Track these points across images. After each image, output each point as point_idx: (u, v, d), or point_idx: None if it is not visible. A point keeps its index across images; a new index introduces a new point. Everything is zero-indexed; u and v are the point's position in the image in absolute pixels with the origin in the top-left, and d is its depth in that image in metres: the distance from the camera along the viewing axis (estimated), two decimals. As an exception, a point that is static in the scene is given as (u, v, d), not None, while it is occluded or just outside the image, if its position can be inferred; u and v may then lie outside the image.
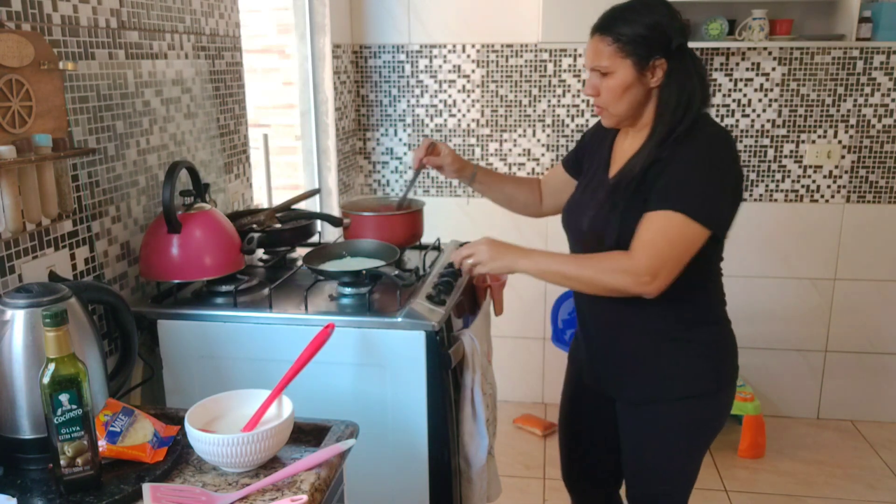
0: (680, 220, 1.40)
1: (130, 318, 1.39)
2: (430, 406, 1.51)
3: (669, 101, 1.47)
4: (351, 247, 1.78)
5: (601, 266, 1.44)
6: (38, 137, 1.24)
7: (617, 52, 1.46)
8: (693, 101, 1.47)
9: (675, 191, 1.42)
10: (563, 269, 1.47)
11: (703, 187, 1.42)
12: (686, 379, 1.55)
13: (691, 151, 1.44)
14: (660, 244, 1.40)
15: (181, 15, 1.82)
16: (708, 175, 1.43)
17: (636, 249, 1.42)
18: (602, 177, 1.60)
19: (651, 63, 1.46)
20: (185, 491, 1.06)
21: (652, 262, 1.40)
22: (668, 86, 1.47)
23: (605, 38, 1.47)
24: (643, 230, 1.42)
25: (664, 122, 1.47)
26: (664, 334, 1.54)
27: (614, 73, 1.47)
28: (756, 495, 2.81)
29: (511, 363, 3.35)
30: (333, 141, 2.91)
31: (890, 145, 3.09)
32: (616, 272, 1.42)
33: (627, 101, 1.49)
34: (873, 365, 3.30)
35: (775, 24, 2.92)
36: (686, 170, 1.43)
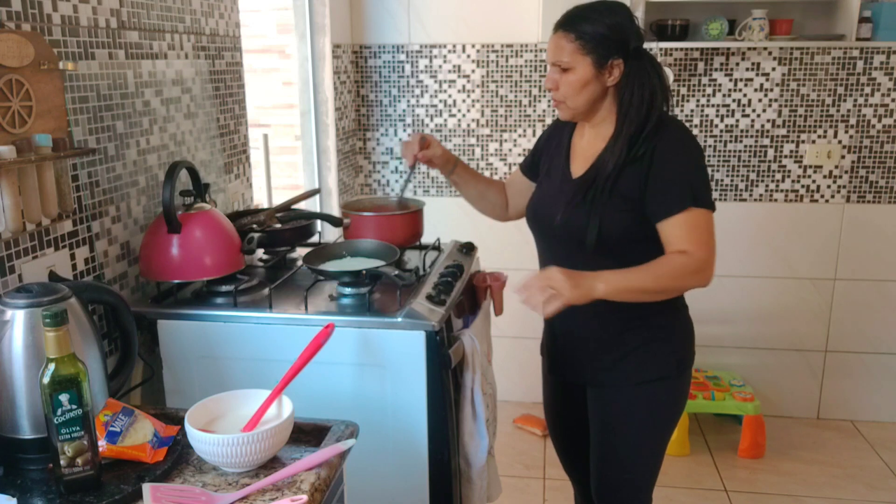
0: (704, 212, 1.50)
1: (130, 318, 1.39)
2: (430, 406, 1.51)
3: (632, 100, 1.53)
4: (351, 247, 1.78)
5: (675, 273, 1.49)
6: (38, 137, 1.24)
7: (578, 49, 1.52)
8: (656, 100, 1.54)
9: (686, 188, 1.50)
10: (641, 285, 1.49)
11: (700, 177, 1.53)
12: (648, 363, 1.62)
13: (676, 148, 1.53)
14: (706, 238, 1.50)
15: (181, 15, 1.82)
16: (697, 165, 1.54)
17: (691, 248, 1.49)
18: (564, 173, 1.66)
19: (609, 62, 1.52)
20: (185, 491, 1.06)
21: (710, 255, 1.50)
22: (627, 85, 1.53)
23: (568, 34, 1.53)
24: (684, 230, 1.50)
25: (630, 121, 1.53)
26: (626, 320, 1.61)
27: (574, 69, 1.53)
28: (756, 495, 2.81)
29: (511, 363, 3.35)
30: (333, 141, 2.91)
31: (890, 145, 3.09)
32: (691, 275, 1.49)
33: (585, 97, 1.55)
34: (873, 365, 3.30)
35: (775, 24, 2.92)
36: (681, 167, 1.52)
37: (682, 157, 1.53)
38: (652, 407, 1.66)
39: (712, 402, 3.06)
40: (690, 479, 2.90)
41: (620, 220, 1.54)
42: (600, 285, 1.46)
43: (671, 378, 1.65)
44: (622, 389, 1.65)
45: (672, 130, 1.55)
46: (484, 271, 1.96)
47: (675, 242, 1.50)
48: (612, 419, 1.68)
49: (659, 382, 1.64)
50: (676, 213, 1.49)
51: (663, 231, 1.52)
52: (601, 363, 1.66)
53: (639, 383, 1.63)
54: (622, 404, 1.66)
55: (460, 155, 3.28)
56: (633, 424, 1.66)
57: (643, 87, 1.53)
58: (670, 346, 1.65)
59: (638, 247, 1.55)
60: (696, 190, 1.50)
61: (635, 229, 1.55)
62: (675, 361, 1.65)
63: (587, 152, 1.63)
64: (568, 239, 1.61)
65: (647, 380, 1.63)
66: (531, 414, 3.29)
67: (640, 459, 1.70)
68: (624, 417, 1.67)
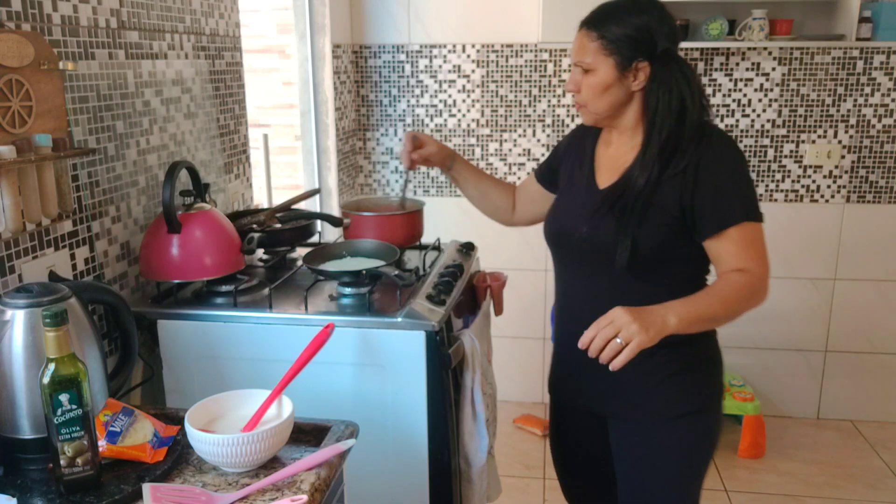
0: (756, 226, 1.41)
1: (130, 318, 1.39)
2: (430, 406, 1.51)
3: (658, 106, 1.42)
4: (351, 247, 1.78)
5: (741, 296, 1.39)
6: (38, 137, 1.24)
7: (600, 49, 1.43)
8: (687, 109, 1.42)
9: (737, 202, 1.40)
10: (712, 312, 1.37)
11: (750, 188, 1.43)
12: (679, 396, 1.50)
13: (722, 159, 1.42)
14: (762, 252, 1.42)
15: (181, 15, 1.82)
16: (745, 176, 1.44)
17: (750, 265, 1.40)
18: (589, 183, 1.54)
19: (633, 65, 1.43)
20: (185, 491, 1.06)
21: (766, 270, 1.42)
22: (652, 91, 1.43)
23: (591, 33, 1.45)
24: (739, 246, 1.40)
25: (659, 130, 1.42)
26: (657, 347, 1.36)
27: (596, 70, 1.44)
28: (756, 495, 2.81)
29: (511, 363, 3.35)
30: (333, 141, 2.91)
31: (890, 145, 3.09)
32: (754, 294, 1.40)
33: (607, 101, 1.46)
34: (873, 365, 3.30)
35: (775, 24, 2.92)
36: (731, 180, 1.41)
37: (730, 169, 1.42)
38: (686, 444, 1.52)
39: (712, 402, 3.06)
40: (690, 479, 2.90)
41: (656, 236, 1.42)
42: (672, 319, 1.30)
43: (704, 412, 1.53)
44: (652, 425, 1.52)
45: (716, 140, 1.43)
46: (484, 271, 1.96)
47: (731, 260, 1.40)
48: (642, 457, 1.55)
49: (691, 417, 1.51)
50: (730, 227, 1.39)
51: (714, 248, 1.42)
52: (627, 396, 1.52)
53: (670, 419, 1.50)
54: (653, 441, 1.52)
55: (460, 155, 3.28)
56: (667, 463, 1.53)
57: (670, 93, 1.41)
58: (701, 376, 1.53)
59: (672, 265, 1.46)
60: (748, 202, 1.41)
61: (672, 246, 1.44)
62: (707, 393, 1.53)
63: (615, 162, 1.51)
64: (592, 256, 1.49)
65: (679, 414, 1.50)
66: (531, 414, 3.29)
67: (675, 500, 1.58)
68: (656, 455, 1.53)
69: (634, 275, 1.44)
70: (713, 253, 1.43)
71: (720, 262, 1.43)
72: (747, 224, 1.40)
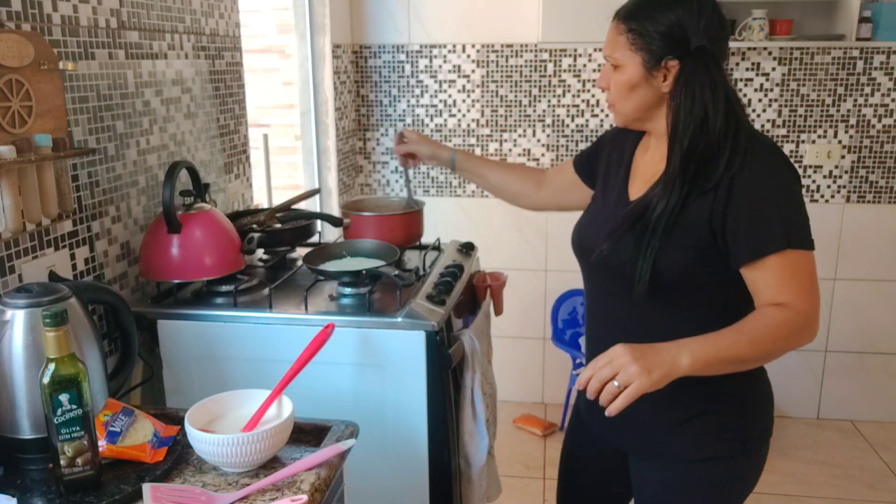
0: (804, 254, 1.23)
1: (130, 318, 1.39)
2: (430, 406, 1.50)
3: (680, 112, 1.26)
4: (351, 247, 1.78)
5: (777, 335, 1.20)
6: (38, 137, 1.24)
7: (628, 44, 1.29)
8: (709, 118, 1.24)
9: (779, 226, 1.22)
10: (737, 353, 1.19)
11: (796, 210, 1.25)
12: (707, 438, 1.34)
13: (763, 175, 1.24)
14: (808, 285, 1.23)
15: (181, 15, 1.82)
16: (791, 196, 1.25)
17: (793, 300, 1.21)
18: (621, 193, 1.41)
19: (663, 63, 1.27)
20: (185, 491, 1.06)
21: (813, 305, 1.23)
22: (676, 94, 1.27)
23: (620, 26, 1.31)
24: (780, 277, 1.22)
25: (680, 141, 1.26)
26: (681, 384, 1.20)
27: (623, 67, 1.30)
28: (756, 495, 2.79)
29: (511, 363, 3.35)
30: (333, 141, 2.91)
31: (890, 145, 3.09)
32: (794, 335, 1.21)
33: (634, 102, 1.32)
34: (873, 365, 3.30)
35: (775, 24, 2.92)
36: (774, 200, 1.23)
37: (772, 187, 1.23)
38: (708, 490, 1.37)
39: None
40: (690, 479, 2.90)
41: (681, 260, 1.26)
42: (684, 360, 1.15)
43: (736, 458, 1.34)
44: (674, 465, 1.37)
45: (758, 153, 1.24)
46: (484, 271, 1.96)
47: (769, 293, 1.23)
48: (660, 499, 1.41)
49: (720, 462, 1.34)
50: (768, 255, 1.21)
51: (751, 277, 1.24)
52: (651, 432, 1.38)
53: (694, 461, 1.35)
54: (674, 483, 1.38)
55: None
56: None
57: (693, 98, 1.25)
58: (737, 419, 1.34)
59: (703, 293, 1.30)
60: (792, 226, 1.22)
61: (699, 272, 1.27)
62: (741, 437, 1.34)
63: (648, 171, 1.37)
64: (613, 277, 1.35)
65: (704, 458, 1.34)
66: (531, 414, 3.29)
67: None
68: (675, 498, 1.39)
69: (658, 302, 1.29)
70: (749, 283, 1.26)
71: (757, 295, 1.25)
72: (790, 252, 1.21)
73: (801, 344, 1.23)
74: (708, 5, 1.27)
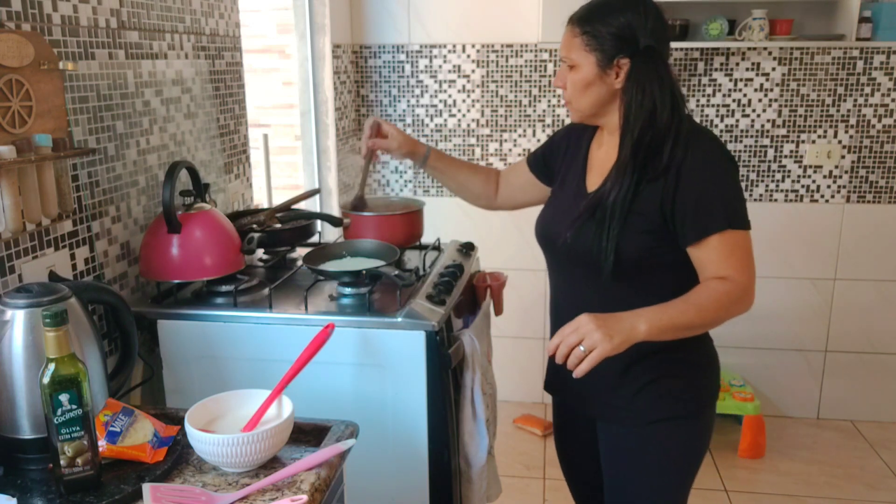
0: (742, 233, 1.37)
1: (130, 318, 1.39)
2: (430, 406, 1.51)
3: (632, 105, 1.40)
4: (351, 247, 1.78)
5: (719, 304, 1.35)
6: (38, 137, 1.24)
7: (583, 45, 1.42)
8: (657, 111, 1.38)
9: (721, 207, 1.36)
10: (686, 320, 1.34)
11: (735, 193, 1.39)
12: (662, 400, 1.48)
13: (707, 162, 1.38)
14: (746, 261, 1.37)
15: (181, 15, 1.82)
16: (731, 180, 1.40)
17: (732, 274, 1.36)
18: (579, 186, 1.53)
19: (615, 62, 1.40)
20: (185, 491, 1.06)
21: (750, 279, 1.37)
22: (629, 89, 1.40)
23: (576, 29, 1.44)
24: (722, 254, 1.36)
25: (631, 132, 1.39)
26: (637, 353, 1.38)
27: (579, 67, 1.44)
28: (756, 495, 2.81)
29: (511, 363, 3.35)
30: (333, 141, 2.91)
31: (890, 145, 3.09)
32: (734, 304, 1.36)
33: (589, 99, 1.45)
34: (873, 365, 3.30)
35: (775, 24, 2.92)
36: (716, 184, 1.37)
37: (714, 174, 1.37)
38: (667, 449, 1.50)
39: (712, 402, 3.06)
40: (690, 479, 2.90)
41: (640, 243, 1.40)
42: (641, 327, 1.29)
43: (689, 417, 1.49)
44: (634, 428, 1.50)
45: (701, 142, 1.40)
46: (484, 271, 1.96)
47: (712, 268, 1.37)
48: (624, 460, 1.53)
49: (675, 422, 1.48)
50: (711, 235, 1.36)
51: (696, 255, 1.39)
52: (612, 399, 1.51)
53: (652, 422, 1.48)
54: (635, 444, 1.51)
55: (460, 155, 3.28)
56: (648, 467, 1.51)
57: (643, 92, 1.38)
58: (687, 381, 1.49)
59: (660, 271, 1.43)
60: (732, 209, 1.37)
61: (657, 252, 1.41)
62: (692, 398, 1.49)
63: (604, 164, 1.49)
64: (577, 263, 1.48)
65: (661, 418, 1.48)
66: (531, 414, 3.29)
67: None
68: (637, 459, 1.51)
69: (621, 282, 1.43)
70: (695, 260, 1.40)
71: (702, 270, 1.39)
72: (730, 232, 1.36)
73: (741, 311, 1.37)
74: (652, 10, 1.41)
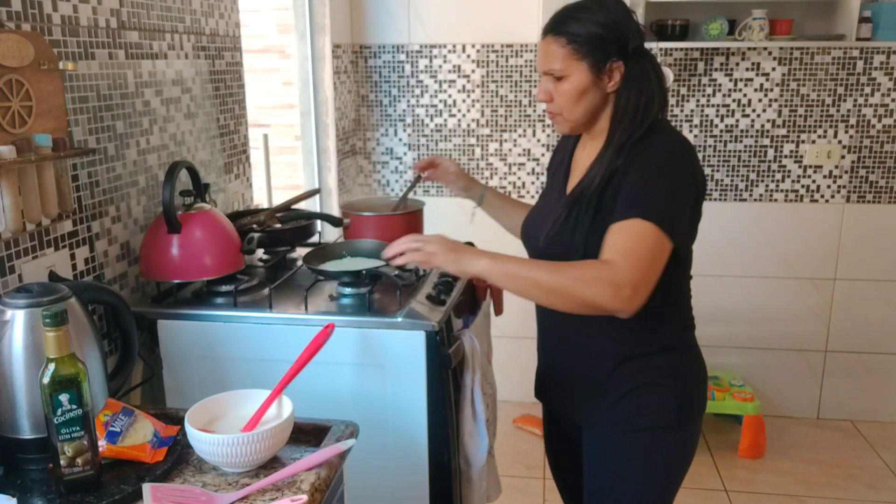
0: (654, 230, 1.27)
1: (130, 318, 1.39)
2: (430, 406, 1.51)
3: (627, 106, 1.36)
4: (351, 247, 1.78)
5: (579, 274, 1.27)
6: (38, 137, 1.24)
7: (571, 53, 1.36)
8: (651, 106, 1.36)
9: (643, 198, 1.29)
10: (532, 274, 1.30)
11: (666, 191, 1.31)
12: (644, 408, 1.44)
13: (653, 158, 1.33)
14: (642, 253, 1.26)
15: (181, 15, 1.82)
16: (670, 185, 1.32)
17: (616, 259, 1.26)
18: (561, 189, 1.51)
19: (608, 65, 1.36)
20: (185, 491, 1.06)
21: (635, 274, 1.24)
22: (625, 90, 1.37)
23: (558, 38, 1.37)
24: (617, 238, 1.28)
25: (623, 129, 1.36)
26: (619, 356, 1.41)
27: (569, 76, 1.37)
28: (756, 495, 2.81)
29: (511, 363, 3.35)
30: (333, 141, 2.91)
31: (890, 145, 3.09)
32: (596, 283, 1.25)
33: (583, 107, 1.39)
34: (873, 365, 3.30)
35: (775, 24, 2.92)
36: (651, 177, 1.32)
37: (656, 166, 1.32)
38: (648, 459, 1.46)
39: (712, 401, 3.05)
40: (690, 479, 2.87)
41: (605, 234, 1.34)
42: (483, 261, 1.31)
43: (673, 428, 1.44)
44: (616, 435, 1.46)
45: (661, 138, 1.36)
46: (484, 271, 1.95)
47: (606, 250, 1.29)
48: (606, 467, 1.50)
49: (657, 431, 1.44)
50: (623, 219, 1.28)
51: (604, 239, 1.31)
52: (596, 405, 1.47)
53: (635, 430, 1.44)
54: (617, 452, 1.47)
55: (460, 155, 3.28)
56: (629, 476, 1.48)
57: (641, 92, 1.36)
58: (670, 390, 1.43)
59: None
60: (654, 202, 1.29)
61: None
62: (676, 409, 1.44)
63: (585, 166, 1.46)
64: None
65: (644, 427, 1.44)
66: (531, 414, 3.29)
67: None
68: (619, 467, 1.48)
69: None
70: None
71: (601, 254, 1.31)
72: (639, 221, 1.27)
73: (602, 301, 1.25)
74: (628, 9, 1.39)
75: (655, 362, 1.43)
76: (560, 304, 1.31)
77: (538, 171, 3.26)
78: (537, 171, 3.26)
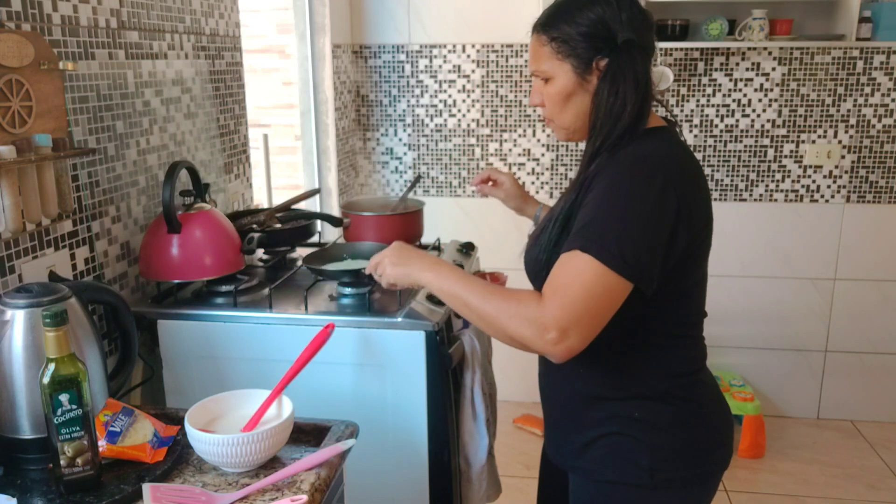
0: (594, 265, 1.09)
1: (130, 318, 1.39)
2: (430, 406, 1.51)
3: (600, 109, 1.20)
4: (352, 249, 1.78)
5: (506, 307, 1.13)
6: (38, 137, 1.24)
7: (554, 53, 1.23)
8: (625, 111, 1.17)
9: (589, 226, 1.12)
10: (465, 296, 1.17)
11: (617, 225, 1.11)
12: (612, 459, 1.26)
13: (610, 177, 1.16)
14: (575, 292, 1.09)
15: (181, 15, 1.82)
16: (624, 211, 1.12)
17: (547, 295, 1.11)
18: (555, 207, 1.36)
19: (594, 65, 1.20)
20: (185, 491, 1.06)
21: (563, 315, 1.08)
22: (601, 90, 1.20)
23: (542, 37, 1.25)
24: (555, 272, 1.13)
25: (594, 140, 1.21)
26: (583, 395, 1.27)
27: (554, 78, 1.24)
28: (756, 495, 2.81)
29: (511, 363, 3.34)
30: (333, 141, 2.91)
31: (890, 145, 3.09)
32: (519, 319, 1.11)
33: (572, 112, 1.24)
34: (873, 365, 3.30)
35: (775, 24, 2.92)
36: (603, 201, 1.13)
37: (609, 188, 1.14)
38: None
39: (712, 402, 3.05)
40: (690, 479, 2.90)
41: None
42: (427, 274, 1.23)
43: (643, 488, 1.24)
44: (586, 482, 1.31)
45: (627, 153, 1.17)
46: (484, 271, 1.95)
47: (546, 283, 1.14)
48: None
49: (624, 488, 1.25)
50: (564, 250, 1.13)
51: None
52: (571, 444, 1.32)
53: (600, 481, 1.28)
54: (586, 499, 1.32)
55: (460, 155, 3.28)
56: None
57: (615, 94, 1.18)
58: (645, 447, 1.23)
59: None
60: (598, 232, 1.10)
61: None
62: (648, 468, 1.23)
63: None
64: (532, 280, 1.30)
65: (611, 480, 1.26)
66: (531, 414, 3.29)
67: None
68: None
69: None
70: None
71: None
72: (581, 256, 1.09)
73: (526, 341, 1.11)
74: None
75: (626, 410, 1.25)
76: (490, 332, 1.18)
77: (538, 171, 3.26)
78: (537, 171, 3.26)
